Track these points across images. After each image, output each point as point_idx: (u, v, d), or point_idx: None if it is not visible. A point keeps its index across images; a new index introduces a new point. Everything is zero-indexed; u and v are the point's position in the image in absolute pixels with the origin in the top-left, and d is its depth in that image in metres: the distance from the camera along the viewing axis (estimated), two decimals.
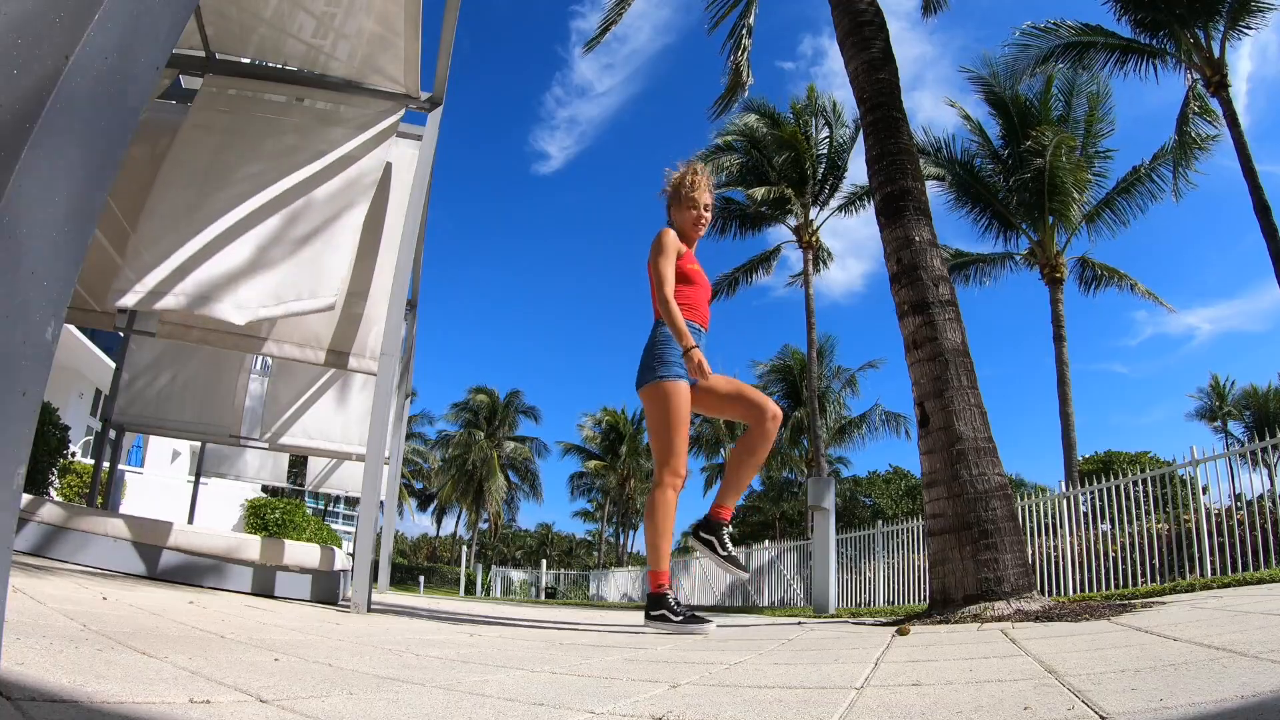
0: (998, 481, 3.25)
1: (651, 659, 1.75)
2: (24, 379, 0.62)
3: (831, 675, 1.39)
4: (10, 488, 0.62)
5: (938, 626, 2.74)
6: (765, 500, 36.06)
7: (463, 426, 39.03)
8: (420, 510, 44.11)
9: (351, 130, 3.55)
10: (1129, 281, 15.96)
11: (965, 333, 3.58)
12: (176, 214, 3.15)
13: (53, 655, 1.04)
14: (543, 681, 1.30)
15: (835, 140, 18.67)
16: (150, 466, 15.87)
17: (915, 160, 3.99)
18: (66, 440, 7.11)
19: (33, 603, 1.63)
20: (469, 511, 38.67)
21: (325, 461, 8.49)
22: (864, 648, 1.94)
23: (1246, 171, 11.34)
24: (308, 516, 13.41)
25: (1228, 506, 6.82)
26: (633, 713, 1.01)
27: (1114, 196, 15.24)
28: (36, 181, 0.62)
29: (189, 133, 3.39)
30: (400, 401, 7.91)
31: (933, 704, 1.03)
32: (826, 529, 7.28)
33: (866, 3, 4.28)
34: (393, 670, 1.34)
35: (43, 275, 0.64)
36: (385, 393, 3.42)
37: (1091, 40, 13.03)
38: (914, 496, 36.19)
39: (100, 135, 0.68)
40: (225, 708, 0.88)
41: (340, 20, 3.55)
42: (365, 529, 3.27)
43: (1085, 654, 1.48)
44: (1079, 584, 7.67)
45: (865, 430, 26.38)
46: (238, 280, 3.09)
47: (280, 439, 6.09)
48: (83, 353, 12.97)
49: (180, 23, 0.78)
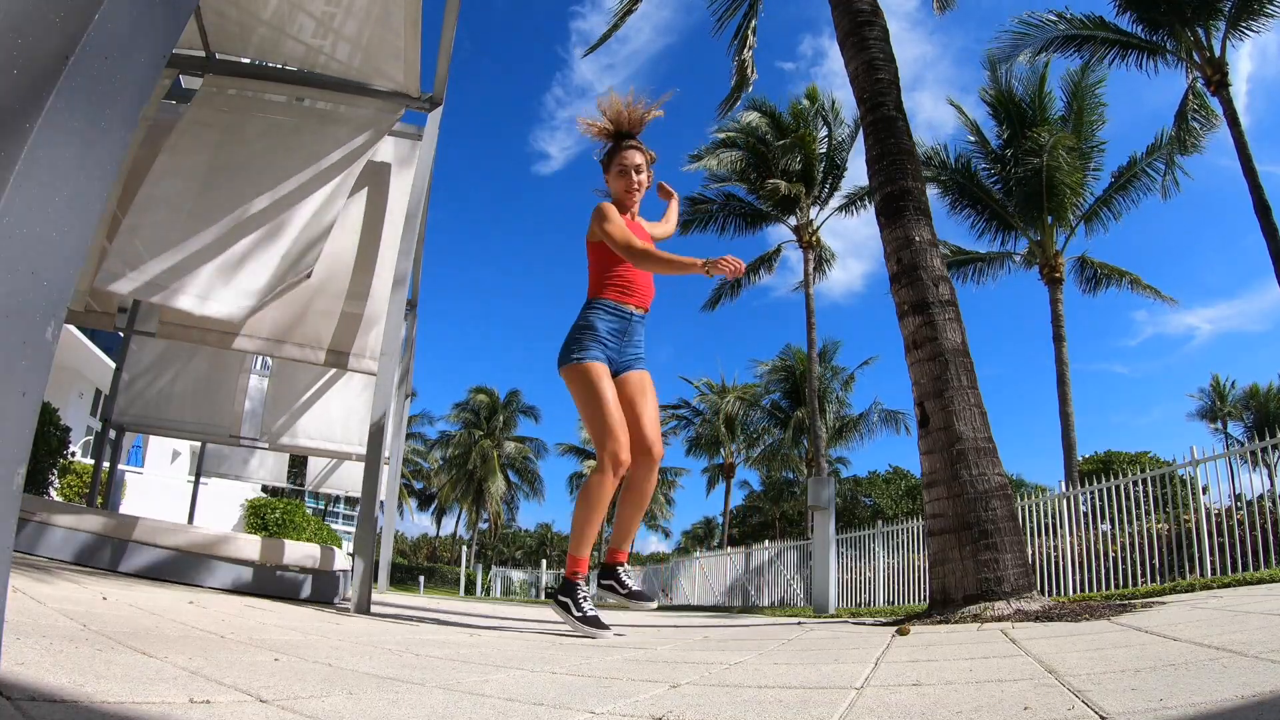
0: (998, 481, 3.25)
1: (651, 659, 1.75)
2: (24, 379, 0.62)
3: (831, 675, 1.39)
4: (10, 488, 0.62)
5: (938, 626, 2.74)
6: (765, 500, 36.05)
7: (463, 426, 39.04)
8: (420, 510, 44.12)
9: (351, 130, 3.55)
10: (1129, 279, 15.95)
11: (965, 333, 3.58)
12: (173, 208, 3.15)
13: (52, 655, 1.04)
14: (543, 681, 1.30)
15: (834, 139, 18.67)
16: (150, 466, 15.86)
17: (915, 160, 3.99)
18: (66, 440, 7.11)
19: (33, 603, 1.63)
20: (469, 511, 38.67)
21: (325, 461, 8.48)
22: (864, 648, 1.94)
23: (1247, 171, 11.35)
24: (308, 516, 13.41)
25: (1228, 506, 6.82)
26: (633, 713, 1.01)
27: (1111, 194, 15.24)
28: (36, 181, 0.62)
29: (187, 128, 3.40)
30: (400, 401, 7.91)
31: (933, 704, 1.03)
32: (826, 529, 7.28)
33: (866, 3, 4.28)
34: (393, 670, 1.34)
35: (43, 275, 0.64)
36: (385, 393, 3.43)
37: (1092, 34, 13.03)
38: (914, 496, 36.17)
39: (100, 135, 0.68)
40: (225, 708, 0.88)
41: (340, 20, 3.55)
42: (365, 529, 3.27)
43: (1085, 654, 1.48)
44: (1079, 584, 7.67)
45: (865, 430, 26.38)
46: (233, 278, 3.09)
47: (280, 439, 6.09)
48: (83, 353, 12.97)
49: (180, 22, 0.78)
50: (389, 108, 3.70)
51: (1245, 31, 11.89)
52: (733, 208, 18.98)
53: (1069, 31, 13.14)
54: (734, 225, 19.06)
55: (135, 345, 5.64)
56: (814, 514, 7.82)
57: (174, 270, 3.02)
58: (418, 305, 7.24)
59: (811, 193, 18.63)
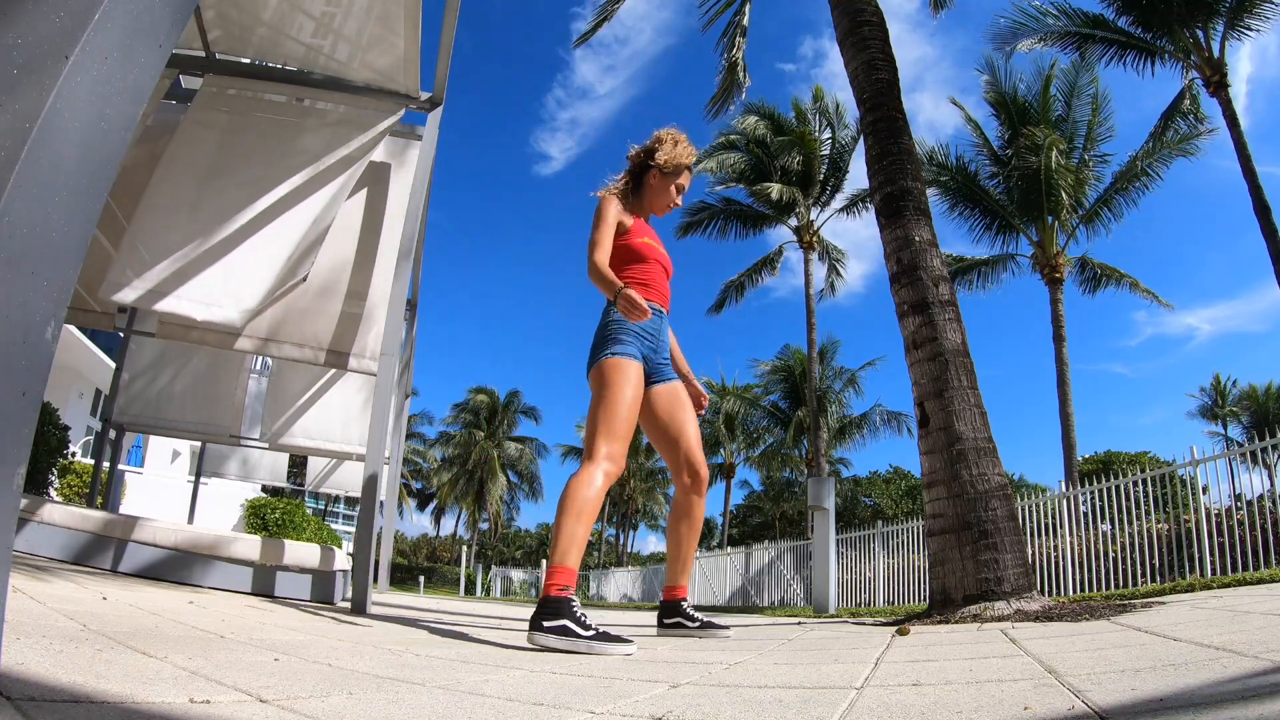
0: (998, 481, 3.25)
1: (651, 659, 1.75)
2: (24, 379, 0.62)
3: (831, 675, 1.39)
4: (10, 488, 0.62)
5: (938, 626, 2.74)
6: (765, 500, 36.05)
7: (463, 426, 39.05)
8: (420, 510, 44.15)
9: (351, 130, 3.55)
10: (1129, 280, 15.96)
11: (965, 333, 3.58)
12: (175, 211, 3.15)
13: (53, 655, 1.04)
14: (543, 681, 1.30)
15: (837, 141, 18.65)
16: (150, 466, 15.87)
17: (915, 160, 3.99)
18: (66, 440, 7.10)
19: (33, 603, 1.63)
20: (469, 511, 38.68)
21: (325, 461, 8.49)
22: (864, 648, 1.94)
23: (1246, 172, 11.34)
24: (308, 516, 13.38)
25: (1228, 506, 6.81)
26: (633, 713, 1.01)
27: (1111, 195, 15.24)
28: (36, 181, 0.62)
29: (188, 130, 3.40)
30: (400, 401, 7.91)
31: (933, 704, 1.03)
32: (826, 529, 7.28)
33: (866, 3, 4.28)
34: (393, 670, 1.34)
35: (43, 275, 0.64)
36: (385, 393, 3.43)
37: (1090, 33, 13.05)
38: (914, 496, 36.18)
39: (100, 135, 0.68)
40: (225, 708, 0.88)
41: (340, 20, 3.55)
42: (365, 529, 3.27)
43: (1085, 654, 1.48)
44: (1079, 584, 7.67)
45: (866, 430, 26.37)
46: (235, 281, 3.09)
47: (280, 439, 6.09)
48: (83, 353, 12.97)
49: (180, 23, 0.78)
50: (389, 108, 3.70)
51: (1244, 32, 11.90)
52: (733, 210, 18.98)
53: (1068, 27, 13.15)
54: (735, 228, 19.07)
55: (135, 345, 5.64)
56: (814, 514, 7.82)
57: (177, 275, 3.03)
58: (418, 305, 7.25)
59: (811, 193, 18.62)
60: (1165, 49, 12.66)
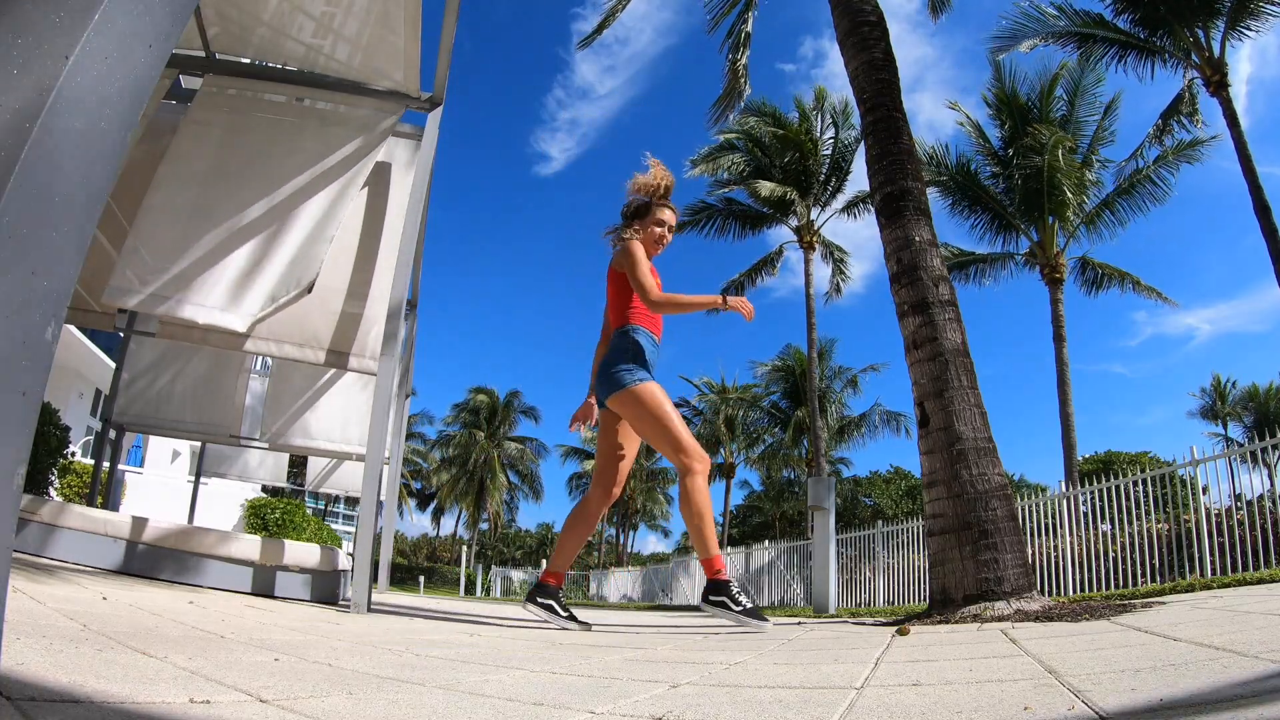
0: (998, 481, 3.25)
1: (651, 659, 1.75)
2: (24, 379, 0.62)
3: (831, 675, 1.39)
4: (10, 488, 0.62)
5: (938, 626, 2.74)
6: (765, 500, 36.04)
7: (463, 426, 39.05)
8: (420, 510, 44.12)
9: (351, 130, 3.55)
10: (1131, 280, 15.95)
11: (965, 333, 3.57)
12: (175, 213, 3.15)
13: (53, 655, 1.04)
14: (543, 681, 1.30)
15: (840, 141, 18.64)
16: (150, 466, 15.87)
17: (916, 160, 3.99)
18: (66, 440, 7.10)
19: (33, 603, 1.63)
20: (469, 511, 38.68)
21: (325, 461, 8.49)
22: (864, 648, 1.94)
23: (1246, 172, 11.34)
24: (308, 516, 13.38)
25: (1228, 506, 6.82)
26: (633, 713, 1.01)
27: (1114, 198, 15.24)
28: (36, 181, 0.62)
29: (188, 131, 3.40)
30: (400, 401, 7.91)
31: (933, 704, 1.03)
32: (826, 529, 7.27)
33: (867, 3, 4.28)
34: (393, 670, 1.34)
35: (43, 275, 0.64)
36: (385, 393, 3.42)
37: (1091, 32, 13.05)
38: (914, 496, 36.19)
39: (100, 135, 0.68)
40: (225, 708, 0.88)
41: (340, 20, 3.55)
42: (365, 529, 3.27)
43: (1085, 654, 1.48)
44: (1079, 584, 7.67)
45: (866, 430, 26.37)
46: (237, 284, 3.09)
47: (280, 439, 6.10)
48: (83, 353, 12.97)
49: (180, 23, 0.78)
50: (389, 108, 3.70)
51: (1244, 32, 11.90)
52: (734, 210, 18.97)
53: (1069, 28, 13.16)
54: (734, 228, 19.07)
55: (135, 345, 5.64)
56: (814, 514, 7.81)
57: (179, 279, 3.03)
58: (418, 305, 7.24)
59: (811, 192, 18.61)
60: (1166, 49, 12.67)
